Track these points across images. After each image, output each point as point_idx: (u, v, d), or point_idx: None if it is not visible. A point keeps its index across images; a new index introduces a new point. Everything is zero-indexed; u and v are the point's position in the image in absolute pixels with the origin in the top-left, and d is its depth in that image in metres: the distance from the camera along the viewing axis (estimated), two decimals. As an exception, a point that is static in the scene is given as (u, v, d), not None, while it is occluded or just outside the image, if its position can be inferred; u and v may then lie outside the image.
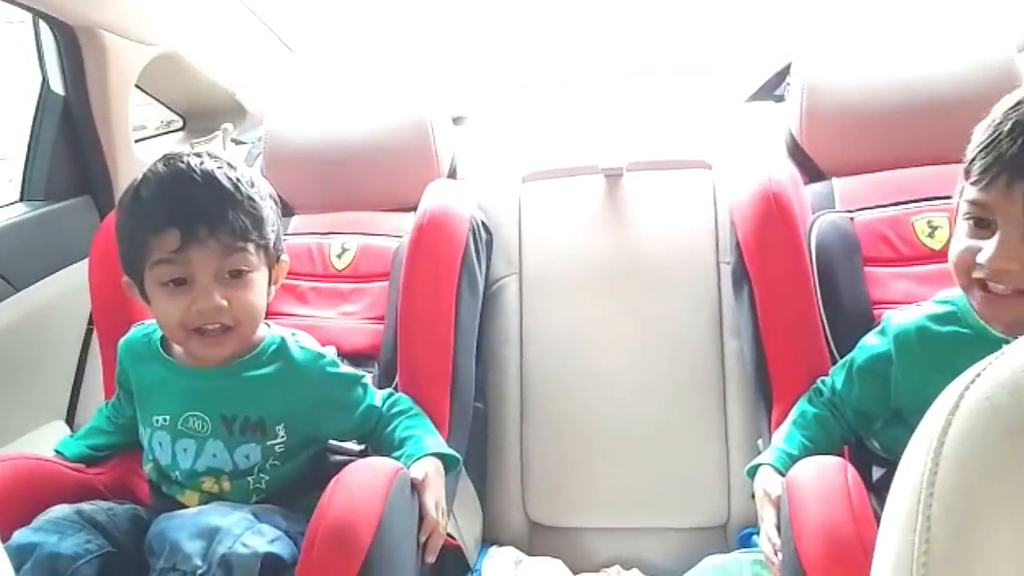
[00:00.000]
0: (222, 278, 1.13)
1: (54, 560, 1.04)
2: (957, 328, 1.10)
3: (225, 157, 1.18)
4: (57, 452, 1.32)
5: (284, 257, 1.25)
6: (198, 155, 1.15)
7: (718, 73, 2.10)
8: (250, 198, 1.14)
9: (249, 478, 1.20)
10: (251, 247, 1.14)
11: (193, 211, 1.10)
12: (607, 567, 1.57)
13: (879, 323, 1.21)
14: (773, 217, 1.34)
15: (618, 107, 2.06)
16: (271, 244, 1.18)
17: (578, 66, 2.32)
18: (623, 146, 1.77)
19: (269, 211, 1.18)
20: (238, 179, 1.14)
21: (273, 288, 1.23)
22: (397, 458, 1.22)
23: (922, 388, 0.53)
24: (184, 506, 1.19)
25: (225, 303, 1.12)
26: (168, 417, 1.21)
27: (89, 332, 1.69)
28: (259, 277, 1.17)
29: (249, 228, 1.13)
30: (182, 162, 1.13)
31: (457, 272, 1.45)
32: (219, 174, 1.12)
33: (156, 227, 1.10)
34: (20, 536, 1.07)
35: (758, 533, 1.18)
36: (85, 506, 1.16)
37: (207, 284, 1.11)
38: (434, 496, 1.21)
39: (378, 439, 1.30)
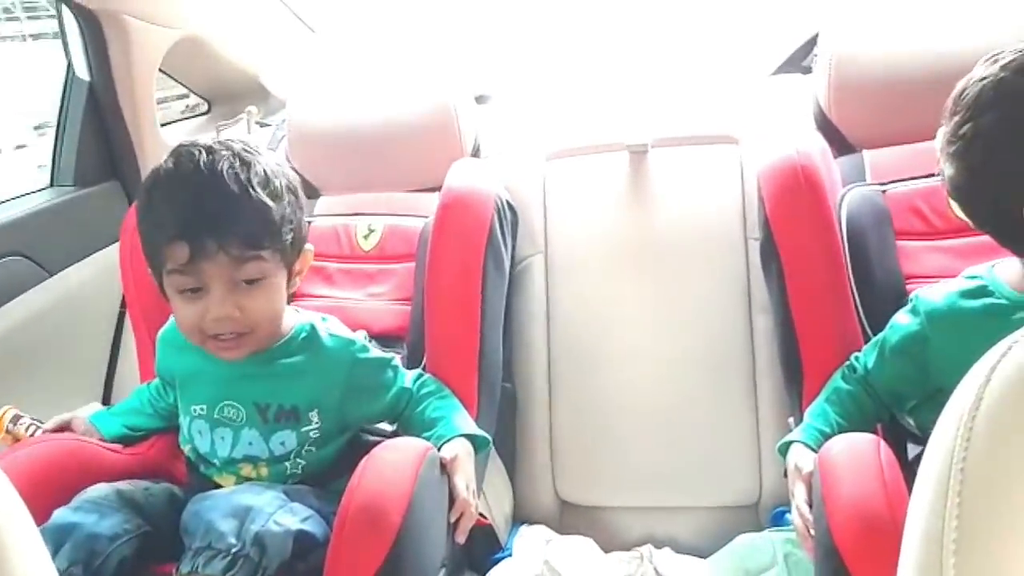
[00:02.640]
0: (237, 286, 1.10)
1: (92, 540, 1.06)
2: (991, 300, 1.08)
3: (240, 146, 1.13)
4: (92, 423, 1.33)
5: (308, 247, 1.22)
6: (211, 151, 1.10)
7: (743, 46, 2.07)
8: (262, 202, 1.09)
9: (286, 463, 1.22)
10: (265, 254, 1.11)
11: (201, 222, 1.06)
12: (638, 546, 1.57)
13: (910, 299, 1.19)
14: (801, 190, 1.32)
15: (642, 82, 2.04)
16: (288, 244, 1.14)
17: (601, 41, 2.30)
18: (648, 122, 1.75)
19: (287, 208, 1.13)
20: (249, 180, 1.08)
21: (297, 279, 1.21)
22: (427, 439, 1.22)
23: (964, 364, 0.52)
24: (220, 487, 1.21)
25: (238, 313, 1.11)
26: (205, 406, 1.23)
27: (122, 314, 1.72)
28: (277, 281, 1.15)
29: (260, 235, 1.09)
30: (192, 161, 1.09)
31: (482, 252, 1.44)
32: (229, 176, 1.07)
33: (168, 237, 1.07)
34: (60, 516, 1.09)
35: (790, 511, 1.17)
36: (123, 486, 1.18)
37: (220, 294, 1.09)
38: (464, 477, 1.22)
39: (408, 420, 1.30)
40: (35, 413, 1.30)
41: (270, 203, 1.10)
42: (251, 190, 1.09)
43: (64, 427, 1.31)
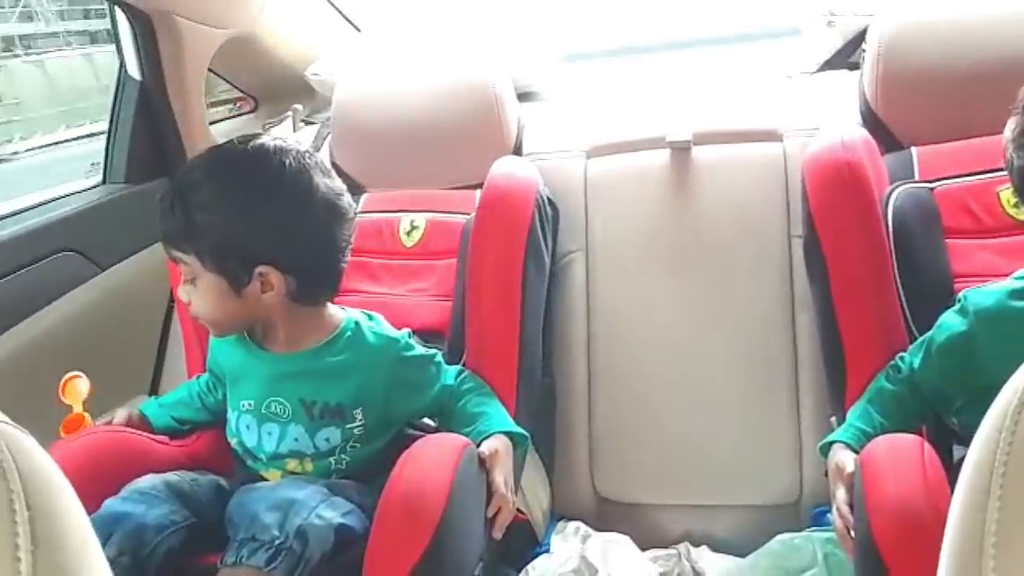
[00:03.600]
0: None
1: (141, 531, 1.09)
2: None
3: (222, 163, 1.20)
4: (141, 413, 1.36)
5: (263, 270, 1.16)
6: (202, 156, 1.23)
7: (788, 41, 2.04)
8: (186, 210, 1.15)
9: (331, 459, 1.24)
10: (184, 256, 1.17)
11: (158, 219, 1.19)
12: (676, 543, 1.56)
13: (958, 299, 1.17)
14: (847, 186, 1.30)
15: (685, 78, 2.02)
16: (217, 254, 1.15)
17: (645, 36, 2.29)
18: (691, 118, 1.74)
19: (223, 223, 1.14)
20: (184, 190, 1.16)
21: (266, 297, 1.18)
22: (467, 434, 1.23)
23: (1012, 363, 0.52)
24: (266, 480, 1.24)
25: (187, 300, 1.21)
26: (253, 402, 1.25)
27: (170, 310, 1.75)
28: (208, 285, 1.17)
29: (178, 236, 1.17)
30: (202, 159, 1.22)
31: (523, 248, 1.45)
32: (186, 178, 1.19)
33: None
34: (109, 506, 1.12)
35: (831, 511, 1.16)
36: (171, 477, 1.20)
37: (183, 280, 1.21)
38: (503, 473, 1.23)
39: (449, 416, 1.32)
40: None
41: (194, 213, 1.15)
42: (183, 193, 1.17)
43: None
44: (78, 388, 1.29)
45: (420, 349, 1.32)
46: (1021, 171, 1.04)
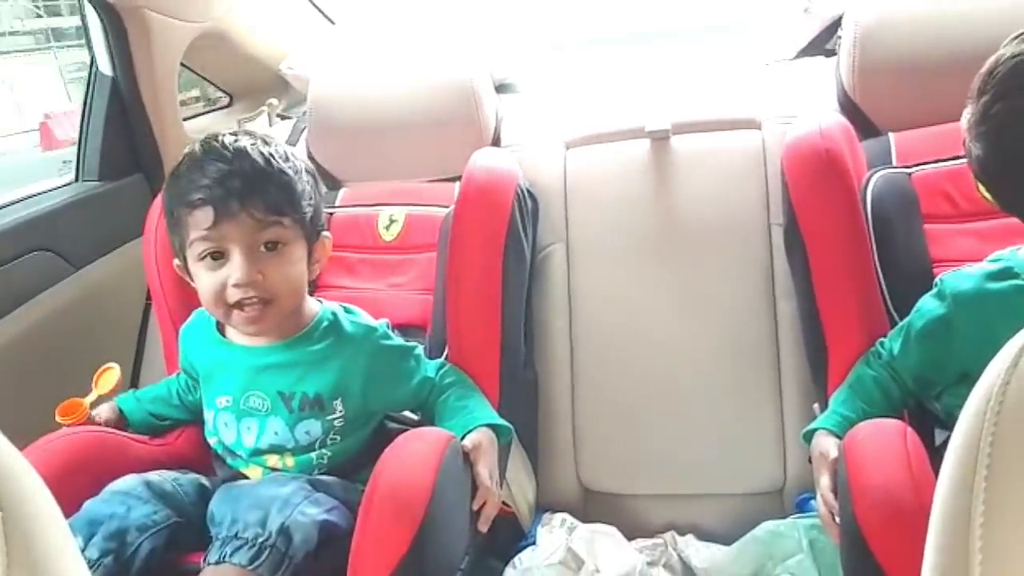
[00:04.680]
0: (257, 251, 1.13)
1: (123, 532, 1.07)
2: (1017, 282, 1.07)
3: (260, 133, 1.19)
4: (118, 407, 1.35)
5: (326, 234, 1.25)
6: (233, 134, 1.16)
7: (764, 30, 2.05)
8: (283, 172, 1.15)
9: (312, 454, 1.23)
10: (286, 220, 1.15)
11: (225, 186, 1.11)
12: (662, 533, 1.56)
13: (935, 283, 1.17)
14: (826, 172, 1.31)
15: (664, 67, 2.02)
16: (307, 218, 1.18)
17: (622, 26, 2.29)
18: (669, 108, 1.74)
19: (306, 186, 1.19)
20: (271, 154, 1.15)
21: (316, 266, 1.24)
22: (450, 428, 1.23)
23: (990, 345, 0.52)
24: (247, 478, 1.23)
25: (260, 276, 1.13)
26: (231, 398, 1.24)
27: (147, 307, 1.73)
28: (296, 250, 1.18)
29: (282, 202, 1.14)
30: (216, 141, 1.15)
31: (503, 240, 1.44)
32: (252, 150, 1.14)
33: (191, 204, 1.12)
34: (90, 507, 1.10)
35: (815, 498, 1.16)
36: (152, 476, 1.19)
37: (242, 258, 1.12)
38: (487, 466, 1.22)
39: (431, 409, 1.31)
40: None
41: (291, 174, 1.16)
42: (273, 161, 1.14)
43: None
44: (104, 379, 1.33)
45: (399, 340, 1.31)
46: (979, 159, 1.05)
